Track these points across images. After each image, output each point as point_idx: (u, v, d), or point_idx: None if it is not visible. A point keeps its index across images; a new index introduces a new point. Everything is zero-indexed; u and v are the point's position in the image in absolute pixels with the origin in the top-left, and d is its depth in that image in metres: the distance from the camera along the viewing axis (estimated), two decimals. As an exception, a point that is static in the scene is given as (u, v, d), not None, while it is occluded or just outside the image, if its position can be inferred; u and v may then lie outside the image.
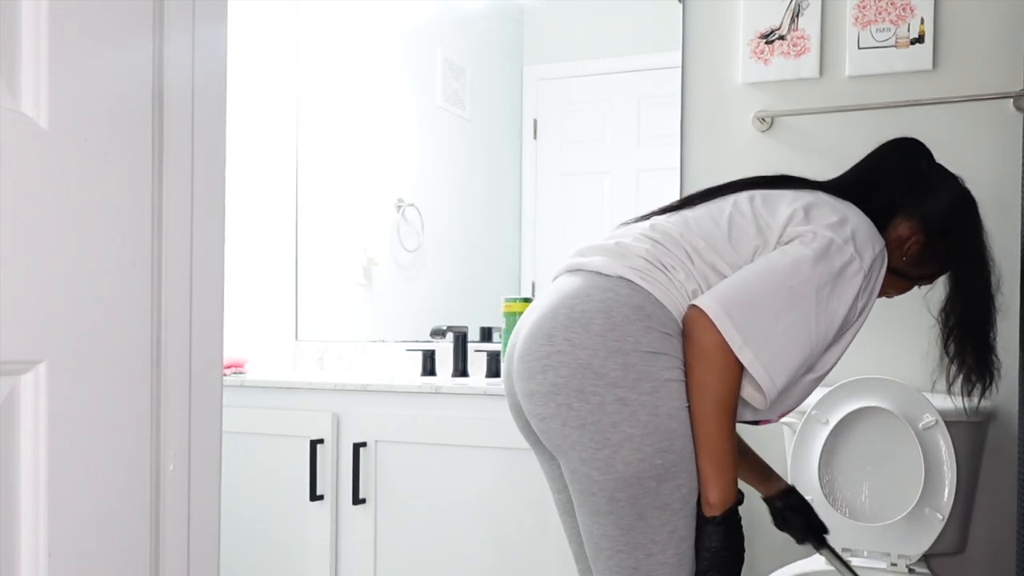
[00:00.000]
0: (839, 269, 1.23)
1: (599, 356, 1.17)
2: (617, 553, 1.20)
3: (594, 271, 1.26)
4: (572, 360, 1.18)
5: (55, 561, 0.66)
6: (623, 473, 1.16)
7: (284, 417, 2.07)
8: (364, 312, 2.57)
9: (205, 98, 0.78)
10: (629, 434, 1.15)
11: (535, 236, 2.39)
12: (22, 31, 0.64)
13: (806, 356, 1.22)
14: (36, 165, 0.64)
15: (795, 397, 1.29)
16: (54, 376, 0.66)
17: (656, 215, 1.37)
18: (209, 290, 0.79)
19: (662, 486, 1.17)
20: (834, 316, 1.23)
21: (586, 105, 2.34)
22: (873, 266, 1.26)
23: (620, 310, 1.19)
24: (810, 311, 1.21)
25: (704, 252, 1.26)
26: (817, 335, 1.22)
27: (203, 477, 0.79)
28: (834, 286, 1.22)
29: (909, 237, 1.38)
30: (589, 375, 1.17)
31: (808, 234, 1.25)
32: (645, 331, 1.18)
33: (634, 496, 1.17)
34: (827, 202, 1.31)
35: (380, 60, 2.56)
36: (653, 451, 1.16)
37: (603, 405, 1.16)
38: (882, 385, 1.82)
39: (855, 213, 1.30)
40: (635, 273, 1.22)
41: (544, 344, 1.20)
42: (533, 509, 1.84)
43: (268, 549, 2.08)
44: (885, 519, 1.78)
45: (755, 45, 2.13)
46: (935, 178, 1.42)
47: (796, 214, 1.27)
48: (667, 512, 1.18)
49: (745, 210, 1.30)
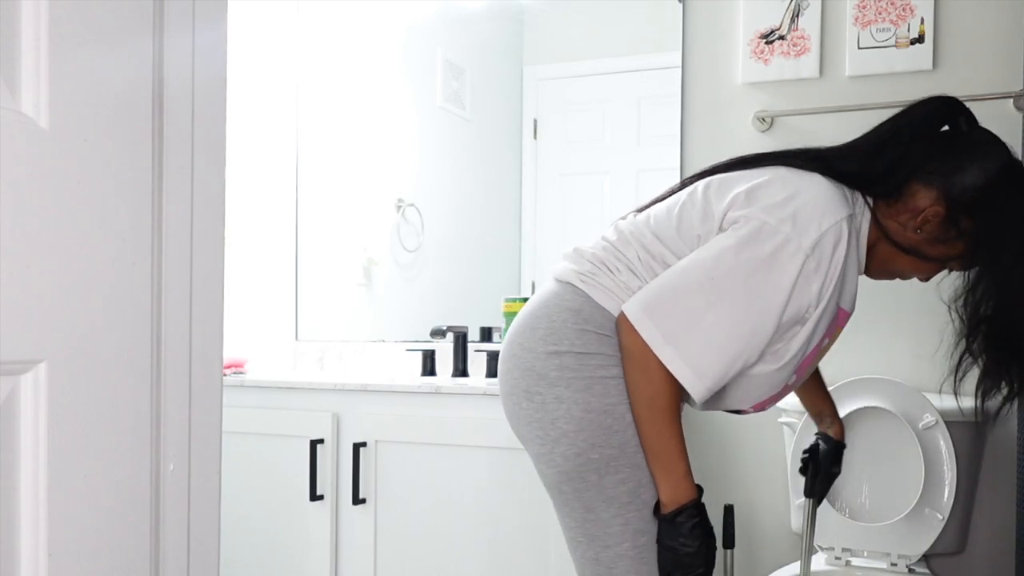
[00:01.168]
0: (770, 253, 1.15)
1: (540, 358, 1.23)
2: (579, 544, 1.24)
3: (555, 278, 1.31)
4: (521, 363, 1.25)
5: (55, 561, 0.66)
6: (563, 467, 1.21)
7: (284, 417, 2.07)
8: (364, 312, 2.56)
9: (205, 98, 0.78)
10: (565, 430, 1.21)
11: (535, 236, 2.39)
12: (22, 31, 0.64)
13: (741, 348, 1.16)
14: (36, 165, 0.64)
15: (763, 389, 1.25)
16: (54, 376, 0.66)
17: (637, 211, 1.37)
18: (209, 290, 0.79)
19: (604, 479, 1.20)
20: (769, 304, 1.15)
21: (586, 105, 2.34)
22: (820, 244, 1.15)
23: (560, 314, 1.24)
24: (738, 302, 1.15)
25: (652, 247, 1.25)
26: (752, 326, 1.16)
27: (203, 477, 0.79)
28: (767, 272, 1.15)
29: (926, 208, 1.22)
30: (533, 376, 1.24)
31: (741, 219, 1.18)
32: (580, 333, 1.22)
33: (578, 489, 1.21)
34: (781, 177, 1.22)
35: (380, 60, 2.56)
36: (588, 446, 1.20)
37: (544, 404, 1.22)
38: (882, 385, 1.82)
39: (812, 184, 1.20)
40: (578, 277, 1.26)
41: (506, 350, 1.30)
42: (533, 509, 1.84)
43: (268, 549, 2.08)
44: (885, 519, 1.77)
45: (755, 45, 2.13)
46: (972, 142, 1.24)
47: (737, 198, 1.21)
48: (614, 505, 1.20)
49: (697, 198, 1.26)
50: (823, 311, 1.20)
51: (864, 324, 1.89)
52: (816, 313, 1.19)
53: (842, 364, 1.98)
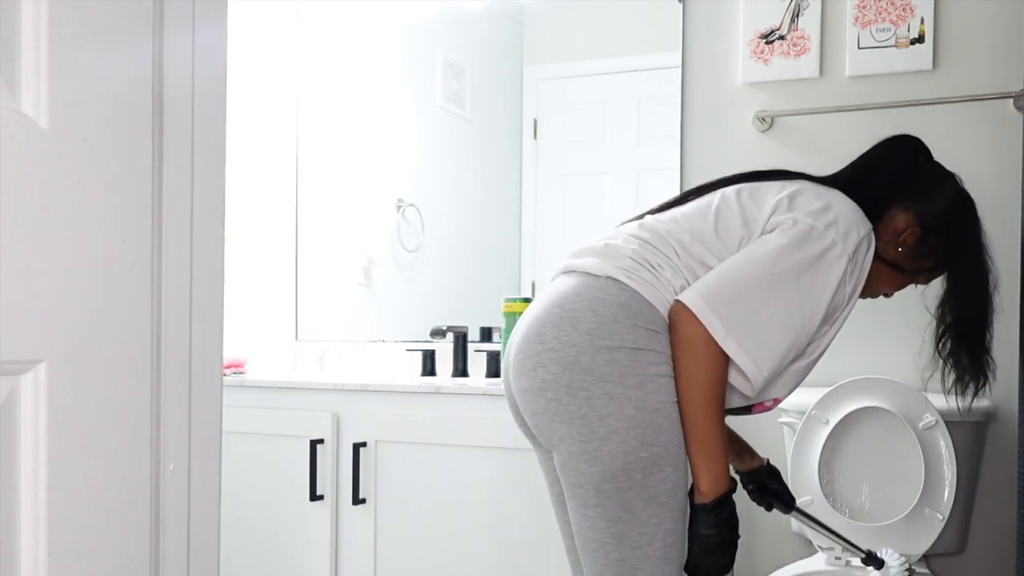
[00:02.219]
0: (819, 254, 1.24)
1: (587, 353, 1.21)
2: (604, 546, 1.23)
3: (585, 272, 1.29)
4: (562, 357, 1.22)
5: (55, 561, 0.66)
6: (609, 465, 1.20)
7: (284, 417, 2.07)
8: (364, 312, 2.56)
9: (205, 98, 0.78)
10: (615, 427, 1.19)
11: (535, 236, 2.39)
12: (22, 31, 0.64)
13: (792, 342, 1.24)
14: (36, 165, 0.64)
15: (786, 384, 1.32)
16: (54, 376, 0.66)
17: (650, 213, 1.40)
18: (209, 290, 0.79)
19: (648, 478, 1.20)
20: (818, 302, 1.24)
21: (586, 105, 2.34)
22: (859, 249, 1.28)
23: (607, 308, 1.23)
24: (792, 298, 1.23)
25: (690, 246, 1.29)
26: (802, 321, 1.24)
27: (203, 477, 0.79)
28: (816, 272, 1.24)
29: (905, 229, 1.39)
30: (577, 371, 1.21)
31: (788, 221, 1.27)
32: (631, 328, 1.22)
33: (620, 488, 1.20)
34: (812, 189, 1.33)
35: (380, 60, 2.56)
36: (638, 444, 1.19)
37: (591, 400, 1.20)
38: (882, 385, 1.82)
39: (840, 199, 1.32)
40: (623, 272, 1.26)
41: (536, 343, 1.25)
42: (533, 509, 1.84)
43: (268, 549, 2.08)
44: (885, 519, 1.78)
45: (755, 45, 2.13)
46: (933, 175, 1.43)
47: (781, 203, 1.30)
48: (653, 504, 1.21)
49: (732, 202, 1.33)
50: (848, 312, 1.31)
51: (864, 324, 1.89)
52: (845, 313, 1.30)
53: (842, 364, 1.98)
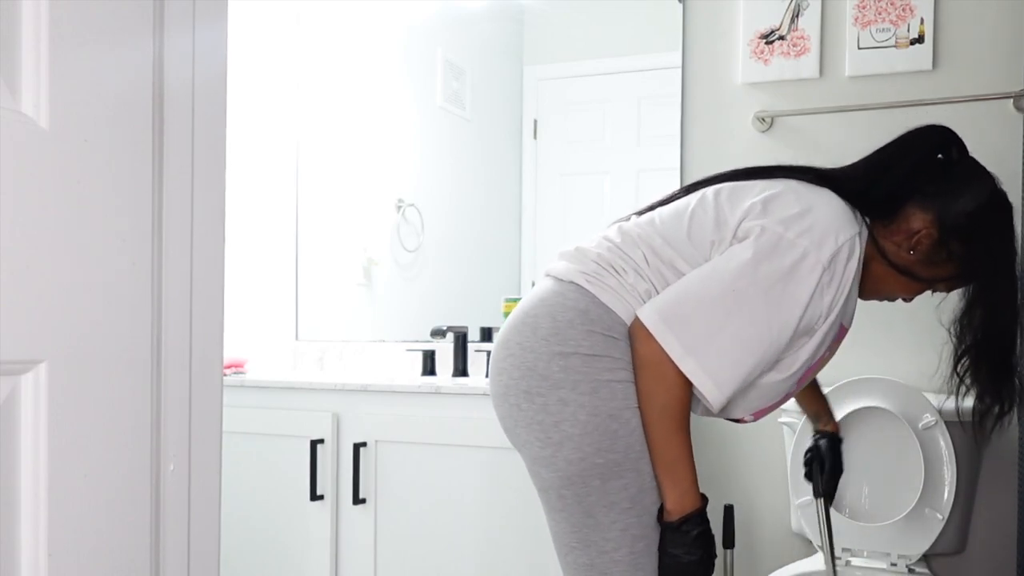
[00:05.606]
0: (789, 267, 1.17)
1: (543, 359, 1.19)
2: (572, 550, 1.22)
3: (554, 277, 1.28)
4: (521, 363, 1.21)
5: (55, 561, 0.66)
6: (566, 471, 1.18)
7: (284, 417, 2.07)
8: (364, 312, 2.56)
9: (205, 98, 0.78)
10: (569, 433, 1.18)
11: (535, 236, 2.39)
12: (22, 31, 0.64)
13: (758, 360, 1.18)
14: (36, 165, 0.64)
15: (766, 397, 1.27)
16: (54, 376, 0.66)
17: (637, 213, 1.37)
18: (209, 290, 0.79)
19: (607, 484, 1.18)
20: (788, 317, 1.17)
21: (586, 105, 2.34)
22: (836, 258, 1.18)
23: (565, 314, 1.21)
24: (758, 314, 1.17)
25: (661, 250, 1.24)
26: (770, 338, 1.17)
27: (203, 477, 0.79)
28: (785, 285, 1.17)
29: (920, 230, 1.27)
30: (535, 376, 1.20)
31: (756, 229, 1.19)
32: (587, 335, 1.19)
33: (579, 494, 1.18)
34: (794, 191, 1.24)
35: (380, 60, 2.56)
36: (593, 450, 1.17)
37: (546, 405, 1.19)
38: (882, 385, 1.82)
39: (825, 201, 1.23)
40: (583, 277, 1.23)
41: (501, 348, 1.25)
42: (532, 509, 1.83)
43: (268, 549, 2.08)
44: (885, 519, 1.78)
45: (755, 45, 2.13)
46: (963, 172, 1.29)
47: (754, 207, 1.22)
48: (615, 511, 1.18)
49: (708, 205, 1.26)
50: (831, 323, 1.22)
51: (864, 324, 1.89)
52: (825, 325, 1.22)
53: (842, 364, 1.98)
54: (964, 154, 1.31)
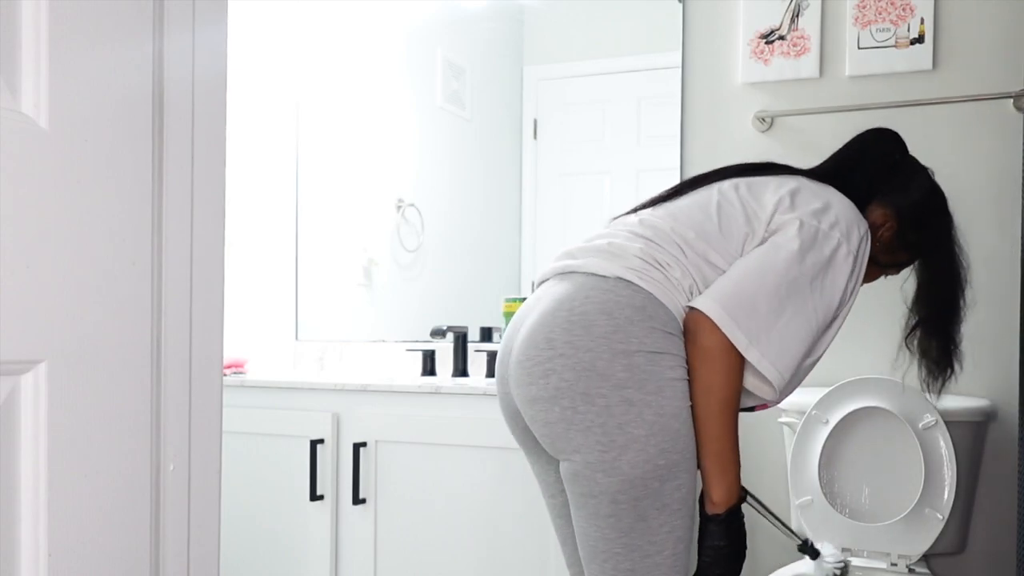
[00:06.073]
0: (829, 256, 1.25)
1: (603, 358, 1.15)
2: (614, 556, 1.19)
3: (589, 273, 1.24)
4: (576, 363, 1.16)
5: (55, 561, 0.66)
6: (628, 475, 1.15)
7: (284, 417, 2.07)
8: (364, 312, 2.56)
9: (205, 98, 0.78)
10: (635, 435, 1.15)
11: (535, 236, 2.39)
12: (22, 31, 0.64)
13: (808, 345, 1.24)
14: (36, 165, 0.64)
15: (795, 381, 1.31)
16: (54, 376, 0.66)
17: (643, 208, 1.37)
18: (209, 290, 0.79)
19: (664, 486, 1.17)
20: (830, 303, 1.26)
21: (586, 105, 2.34)
22: (860, 248, 1.29)
23: (622, 311, 1.18)
24: (807, 302, 1.23)
25: (695, 243, 1.26)
26: (816, 323, 1.24)
27: (203, 477, 0.79)
28: (827, 274, 1.25)
29: (883, 223, 1.41)
30: (594, 377, 1.15)
31: (795, 222, 1.26)
32: (649, 331, 1.17)
33: (636, 497, 1.16)
34: (808, 187, 1.33)
35: (380, 60, 2.56)
36: (657, 452, 1.15)
37: (609, 407, 1.15)
38: (882, 385, 1.82)
39: (837, 198, 1.32)
40: (633, 273, 1.21)
41: (544, 348, 1.19)
42: (532, 509, 1.84)
43: (268, 549, 2.08)
44: (885, 519, 1.77)
45: (755, 45, 2.13)
46: (908, 169, 1.45)
47: (783, 201, 1.29)
48: (666, 512, 1.18)
49: (732, 198, 1.31)
50: (849, 309, 1.32)
51: (864, 324, 1.89)
52: (846, 310, 1.31)
53: (842, 364, 1.98)
54: (906, 153, 1.46)
